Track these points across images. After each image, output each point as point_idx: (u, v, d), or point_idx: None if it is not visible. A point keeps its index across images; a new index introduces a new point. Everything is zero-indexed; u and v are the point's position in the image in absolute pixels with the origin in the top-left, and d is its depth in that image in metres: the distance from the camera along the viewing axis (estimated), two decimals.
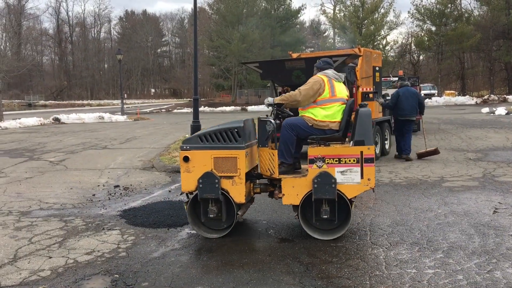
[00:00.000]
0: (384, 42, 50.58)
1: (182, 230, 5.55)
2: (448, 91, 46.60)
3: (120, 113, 31.54)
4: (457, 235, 5.05)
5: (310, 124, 5.24)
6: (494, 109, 25.47)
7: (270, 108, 5.52)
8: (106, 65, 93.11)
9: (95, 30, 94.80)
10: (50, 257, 4.70)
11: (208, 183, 5.02)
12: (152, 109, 46.32)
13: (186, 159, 5.11)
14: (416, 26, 52.21)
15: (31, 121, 25.60)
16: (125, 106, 35.70)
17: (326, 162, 4.95)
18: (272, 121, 5.19)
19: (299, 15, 58.14)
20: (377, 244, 4.85)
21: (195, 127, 11.38)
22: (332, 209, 4.99)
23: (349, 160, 4.91)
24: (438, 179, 8.10)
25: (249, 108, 41.31)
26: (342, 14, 53.41)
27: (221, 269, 4.29)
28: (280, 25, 53.96)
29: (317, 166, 4.96)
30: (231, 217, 5.17)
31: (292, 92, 5.30)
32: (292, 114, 5.52)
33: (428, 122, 19.09)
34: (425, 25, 51.05)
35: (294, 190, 5.06)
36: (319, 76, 5.36)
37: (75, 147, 14.17)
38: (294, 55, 11.59)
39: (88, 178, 9.10)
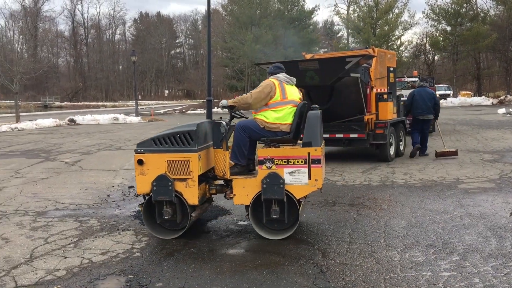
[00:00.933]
0: (398, 43, 50.14)
1: (196, 230, 5.56)
2: (463, 92, 46.02)
3: (134, 114, 31.78)
4: (473, 237, 4.98)
5: (262, 126, 5.33)
6: (511, 109, 25.11)
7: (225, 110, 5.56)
8: (120, 67, 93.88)
9: (110, 32, 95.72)
10: (66, 257, 4.75)
11: (162, 185, 5.08)
12: (166, 110, 46.60)
13: (140, 162, 5.17)
14: (431, 26, 51.65)
15: (47, 122, 25.93)
16: (139, 107, 35.97)
17: (275, 163, 5.04)
18: (223, 122, 5.29)
19: (312, 16, 57.91)
20: (391, 246, 4.80)
21: None
22: (282, 209, 5.08)
23: (297, 161, 5.00)
24: (454, 181, 8.01)
25: None
26: (356, 14, 53.07)
27: (234, 270, 4.29)
28: (293, 26, 53.81)
29: (267, 167, 5.05)
30: (185, 219, 5.22)
31: (244, 95, 5.42)
32: (246, 116, 5.65)
33: (444, 123, 18.89)
34: (440, 25, 50.46)
35: (244, 190, 5.16)
36: (271, 79, 5.47)
37: (90, 148, 14.32)
38: (308, 56, 11.56)
39: (103, 178, 9.18)
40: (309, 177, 5.00)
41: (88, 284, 4.05)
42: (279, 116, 5.30)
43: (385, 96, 10.61)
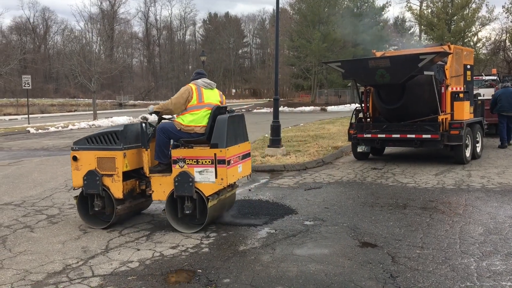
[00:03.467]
0: (475, 39, 47.52)
1: (262, 229, 5.59)
2: None
3: None
4: None
5: (178, 128, 5.68)
6: None
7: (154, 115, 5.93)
8: (190, 67, 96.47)
9: (181, 33, 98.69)
10: (138, 250, 4.94)
11: (92, 180, 5.65)
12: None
13: (75, 158, 5.78)
14: (511, 22, 48.48)
15: (122, 119, 27.22)
16: None
17: (187, 162, 5.44)
18: (144, 125, 5.75)
19: (383, 12, 56.40)
20: (467, 253, 4.55)
21: (275, 127, 11.41)
22: (195, 206, 5.47)
23: (205, 161, 5.40)
24: None
25: (329, 108, 40.79)
26: (429, 10, 50.90)
27: (301, 270, 4.25)
28: (362, 23, 52.64)
29: (179, 166, 5.47)
30: (113, 211, 5.67)
31: (166, 101, 5.83)
32: (168, 119, 6.07)
33: None
34: None
35: (161, 187, 5.61)
36: (189, 85, 5.85)
37: None
38: (378, 54, 11.25)
39: None
40: (216, 176, 5.37)
41: (160, 277, 4.19)
42: (194, 118, 5.67)
43: (461, 95, 10.10)
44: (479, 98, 11.78)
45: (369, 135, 10.24)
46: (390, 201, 6.84)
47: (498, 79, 16.14)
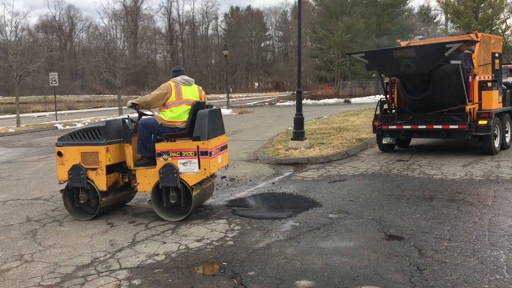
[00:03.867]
0: (503, 27, 46.19)
1: (286, 222, 5.58)
2: None
3: (226, 106, 32.65)
4: None
5: (160, 123, 5.91)
6: None
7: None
8: (213, 61, 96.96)
9: (203, 28, 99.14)
10: (164, 243, 5.00)
11: (76, 174, 5.91)
12: (255, 102, 47.31)
13: (59, 153, 6.02)
14: None
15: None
16: (230, 100, 36.88)
17: (171, 155, 5.71)
18: (127, 120, 6.07)
19: (407, 1, 55.30)
20: (497, 246, 4.45)
21: (299, 120, 11.34)
22: (179, 195, 5.75)
23: (189, 153, 5.70)
24: None
25: (353, 100, 40.32)
26: None
27: (325, 263, 4.23)
28: (387, 13, 51.77)
29: (163, 159, 5.73)
30: (98, 203, 5.93)
31: (144, 95, 6.08)
32: (149, 114, 6.37)
33: None
34: None
35: (146, 179, 5.88)
36: (168, 82, 6.08)
37: None
38: (403, 44, 11.05)
39: None
40: (199, 167, 5.68)
41: (185, 269, 4.23)
42: (175, 115, 5.89)
43: (489, 84, 9.84)
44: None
45: (394, 127, 10.09)
46: (417, 193, 6.73)
47: None
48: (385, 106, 10.65)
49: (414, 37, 54.23)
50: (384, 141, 10.57)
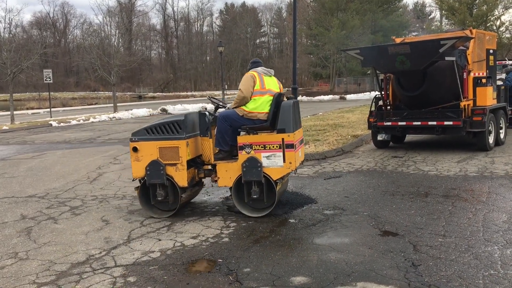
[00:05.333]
0: (498, 23, 46.34)
1: (282, 218, 5.58)
2: None
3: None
4: None
5: (241, 115, 5.78)
6: None
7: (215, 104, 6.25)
8: (208, 58, 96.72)
9: (198, 24, 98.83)
10: (160, 240, 5.00)
11: (155, 170, 5.68)
12: None
13: (135, 149, 5.79)
14: None
15: (141, 112, 27.50)
16: (226, 96, 36.82)
17: (254, 148, 5.55)
18: (207, 113, 5.94)
19: None
20: (491, 241, 4.47)
21: None
22: (262, 190, 5.56)
23: (273, 146, 5.51)
24: None
25: (348, 96, 40.39)
26: None
27: (321, 259, 4.24)
28: (382, 9, 51.84)
29: (246, 152, 5.57)
30: (177, 200, 5.76)
31: (236, 96, 5.85)
32: (226, 106, 6.19)
33: None
34: None
35: (227, 173, 5.71)
36: (250, 72, 5.98)
37: None
38: (398, 40, 11.06)
39: None
40: (284, 160, 5.49)
41: (181, 266, 4.23)
42: (257, 105, 5.75)
43: (483, 80, 9.88)
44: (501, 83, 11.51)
45: (389, 123, 10.11)
46: (411, 189, 6.76)
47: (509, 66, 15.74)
48: (380, 102, 10.67)
49: (409, 34, 54.35)
50: (379, 137, 10.60)
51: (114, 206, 6.53)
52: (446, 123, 9.42)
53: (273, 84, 6.00)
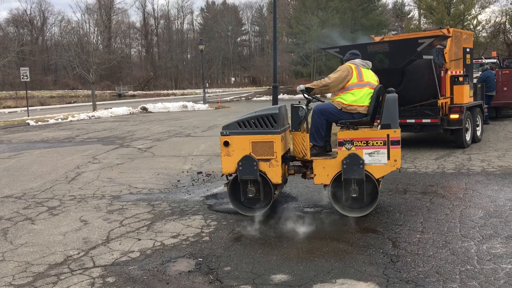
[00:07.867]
0: (475, 22, 47.16)
1: (262, 217, 5.58)
2: None
3: (202, 102, 32.48)
4: None
5: (339, 108, 5.54)
6: None
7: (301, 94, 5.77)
8: (189, 56, 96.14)
9: (179, 22, 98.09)
10: (139, 239, 4.95)
11: (247, 165, 5.39)
12: (232, 97, 47.18)
13: (226, 143, 5.50)
14: (511, 4, 48.03)
15: (121, 110, 27.17)
16: (206, 95, 36.68)
17: (355, 144, 5.26)
18: (304, 107, 5.55)
19: None
20: (467, 237, 4.56)
21: None
22: (361, 189, 5.24)
23: (376, 143, 5.21)
24: None
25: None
26: None
27: (301, 257, 4.26)
28: (361, 8, 52.25)
29: (346, 148, 5.28)
30: (268, 197, 5.53)
31: (321, 79, 5.63)
32: (322, 100, 5.90)
33: None
34: None
35: (324, 170, 5.41)
36: (347, 64, 5.71)
37: (161, 135, 14.83)
38: (377, 39, 11.16)
39: (173, 164, 9.47)
40: (388, 158, 5.20)
41: (160, 266, 4.20)
42: (356, 98, 5.47)
43: (460, 78, 10.04)
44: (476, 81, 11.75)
45: None
46: (390, 186, 6.84)
47: (498, 62, 16.03)
48: None
49: (388, 32, 54.93)
50: None
51: (92, 206, 6.44)
52: (424, 120, 9.56)
53: (371, 77, 5.70)
